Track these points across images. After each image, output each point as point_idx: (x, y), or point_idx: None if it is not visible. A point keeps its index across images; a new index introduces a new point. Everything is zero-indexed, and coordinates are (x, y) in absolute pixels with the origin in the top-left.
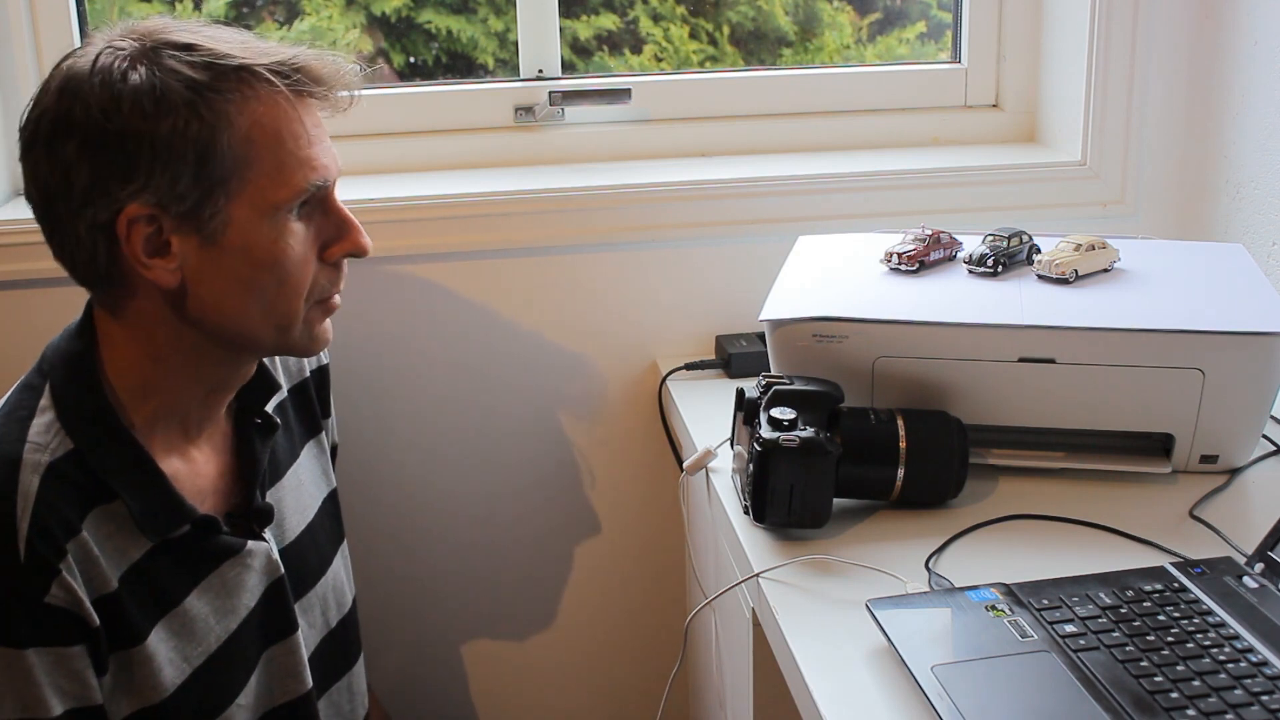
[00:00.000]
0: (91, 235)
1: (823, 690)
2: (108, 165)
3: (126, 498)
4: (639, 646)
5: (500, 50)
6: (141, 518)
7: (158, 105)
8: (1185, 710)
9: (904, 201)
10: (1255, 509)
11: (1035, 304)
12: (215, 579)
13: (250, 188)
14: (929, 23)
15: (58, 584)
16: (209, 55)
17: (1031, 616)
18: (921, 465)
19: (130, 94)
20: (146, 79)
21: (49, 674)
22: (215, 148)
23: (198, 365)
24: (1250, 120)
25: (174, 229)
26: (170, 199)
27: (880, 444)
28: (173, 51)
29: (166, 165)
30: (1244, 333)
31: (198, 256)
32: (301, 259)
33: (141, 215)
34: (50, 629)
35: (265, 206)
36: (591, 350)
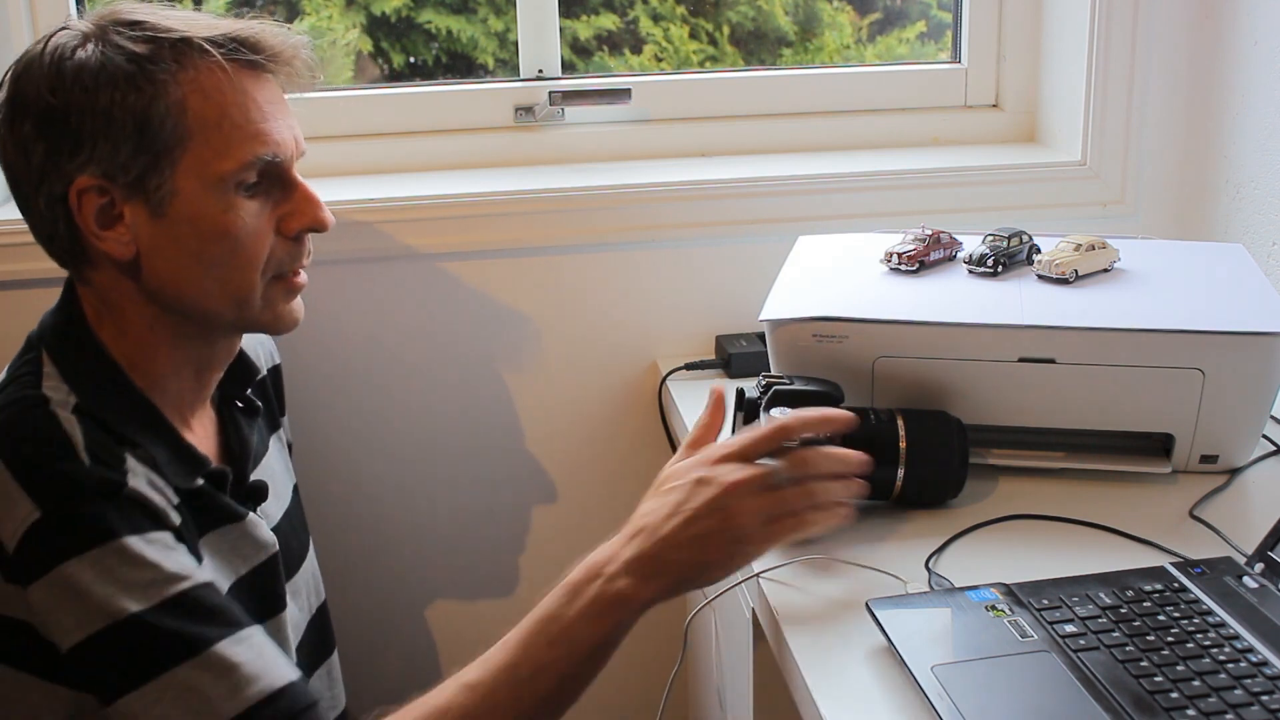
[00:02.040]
0: (51, 209)
1: (823, 690)
2: (57, 140)
3: (147, 444)
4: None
5: (500, 50)
6: (165, 463)
7: (97, 79)
8: (1185, 710)
9: (904, 201)
10: (1255, 509)
11: (1035, 304)
12: (220, 538)
13: (194, 158)
14: (929, 23)
15: (130, 478)
16: (152, 30)
17: (1031, 616)
18: (921, 465)
19: (73, 70)
20: (91, 55)
21: (159, 553)
22: (153, 117)
23: (172, 343)
24: (1250, 120)
25: (124, 199)
26: (115, 170)
27: (880, 444)
28: (120, 29)
29: (107, 136)
30: (1244, 333)
31: (149, 228)
32: (253, 232)
33: (91, 186)
34: (138, 517)
35: (211, 178)
36: (591, 350)
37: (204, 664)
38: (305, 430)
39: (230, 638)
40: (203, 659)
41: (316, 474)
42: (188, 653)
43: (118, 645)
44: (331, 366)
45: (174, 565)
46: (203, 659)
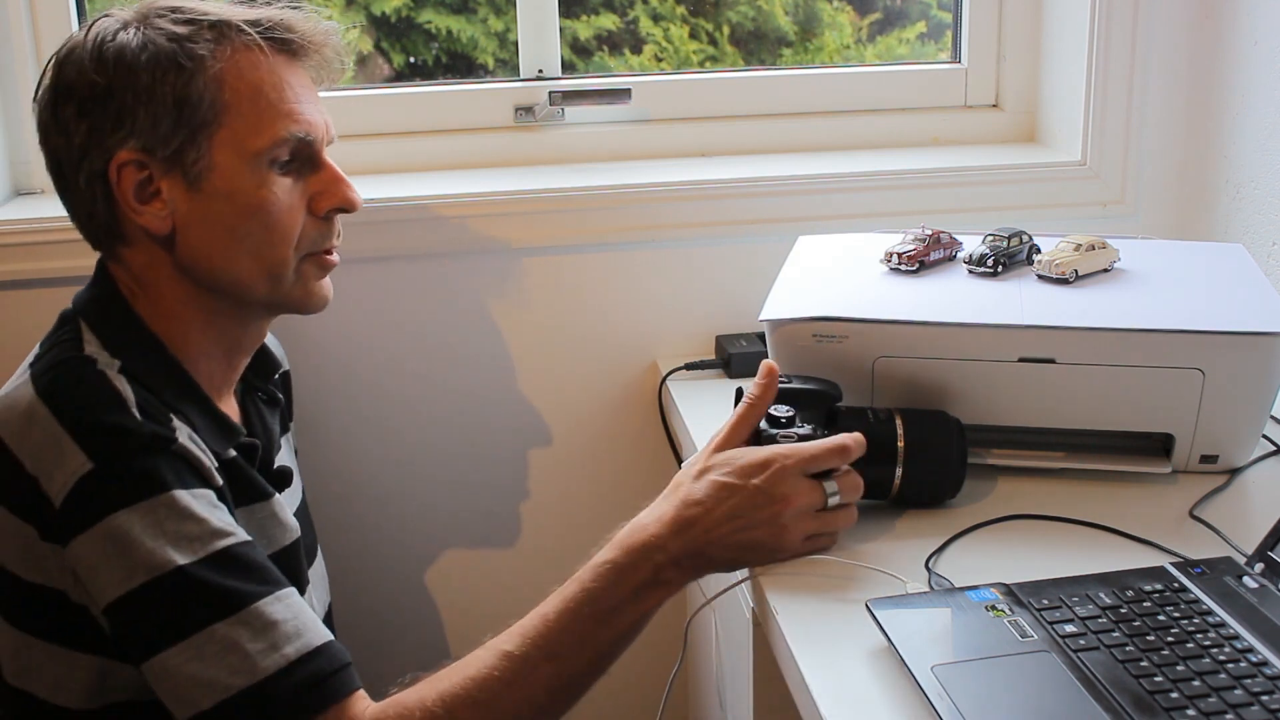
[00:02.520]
0: (90, 186)
1: (823, 690)
2: (100, 117)
3: (186, 411)
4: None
5: (500, 50)
6: (204, 430)
7: (138, 57)
8: (1185, 710)
9: (904, 201)
10: (1255, 509)
11: (1035, 304)
12: (249, 515)
13: (230, 133)
14: (929, 23)
15: (179, 435)
16: (191, 13)
17: (1031, 616)
18: (920, 465)
19: (115, 51)
20: (133, 38)
21: (207, 510)
22: (192, 92)
23: (206, 320)
24: (1250, 120)
25: (162, 174)
26: (155, 143)
27: (878, 443)
28: (160, 13)
29: (148, 109)
30: (1244, 333)
31: (186, 202)
32: (287, 207)
33: (131, 160)
34: (189, 473)
35: (246, 153)
36: (591, 350)
37: (244, 620)
38: (307, 430)
39: (271, 596)
40: (243, 615)
41: (317, 474)
42: (230, 608)
43: (161, 599)
44: (331, 366)
45: (219, 521)
46: (243, 615)
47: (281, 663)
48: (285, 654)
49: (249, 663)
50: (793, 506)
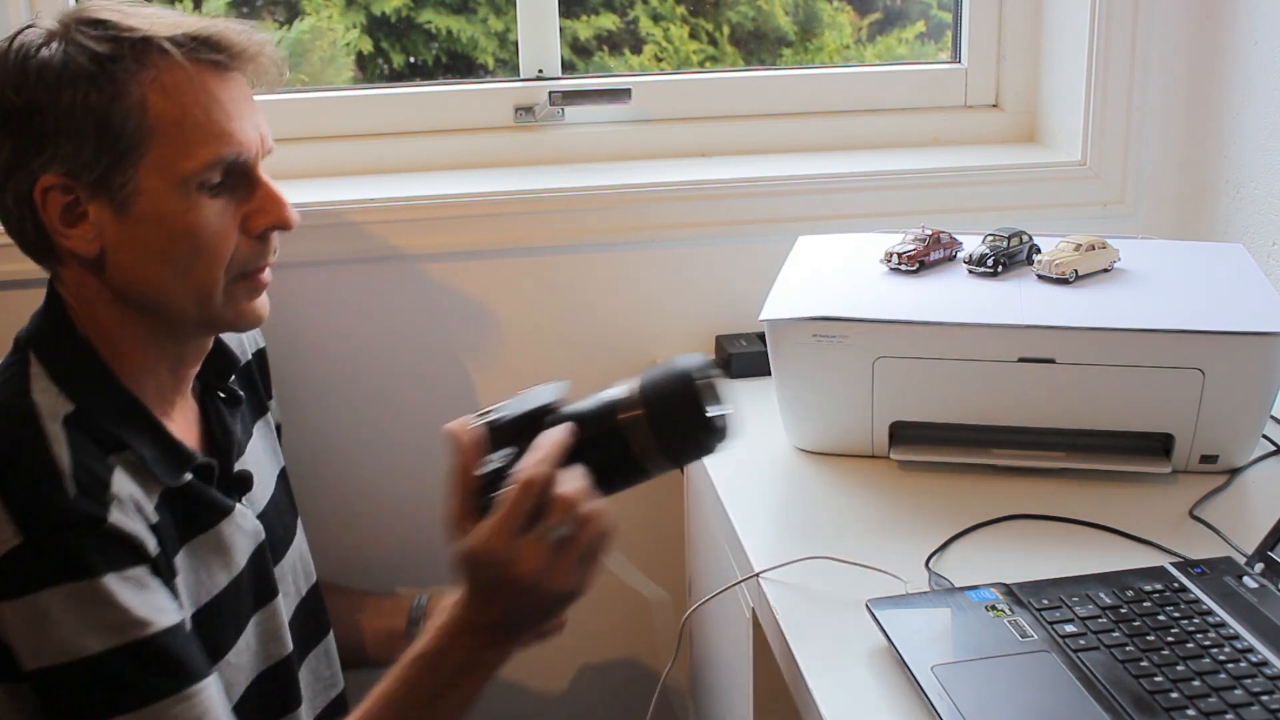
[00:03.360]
0: (18, 207)
1: (823, 690)
2: (22, 138)
3: (137, 445)
4: (637, 645)
5: (500, 50)
6: (154, 462)
7: (59, 78)
8: (1185, 710)
9: (904, 201)
10: (1255, 509)
11: (1035, 304)
12: (211, 536)
13: (158, 158)
14: (929, 23)
15: (113, 510)
16: (114, 29)
17: (1031, 616)
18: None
19: (36, 69)
20: (54, 54)
21: (133, 594)
22: (114, 117)
23: (144, 339)
24: (1250, 120)
25: (89, 198)
26: (79, 168)
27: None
28: (83, 28)
29: (70, 135)
30: (1244, 333)
31: (113, 226)
32: (217, 230)
33: (55, 185)
34: (118, 554)
35: (174, 178)
36: (591, 350)
37: (146, 717)
38: (302, 430)
39: (178, 695)
40: (146, 713)
41: (316, 473)
42: (135, 703)
43: (72, 682)
44: (329, 367)
45: (143, 609)
46: (146, 713)
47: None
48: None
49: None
50: (530, 572)
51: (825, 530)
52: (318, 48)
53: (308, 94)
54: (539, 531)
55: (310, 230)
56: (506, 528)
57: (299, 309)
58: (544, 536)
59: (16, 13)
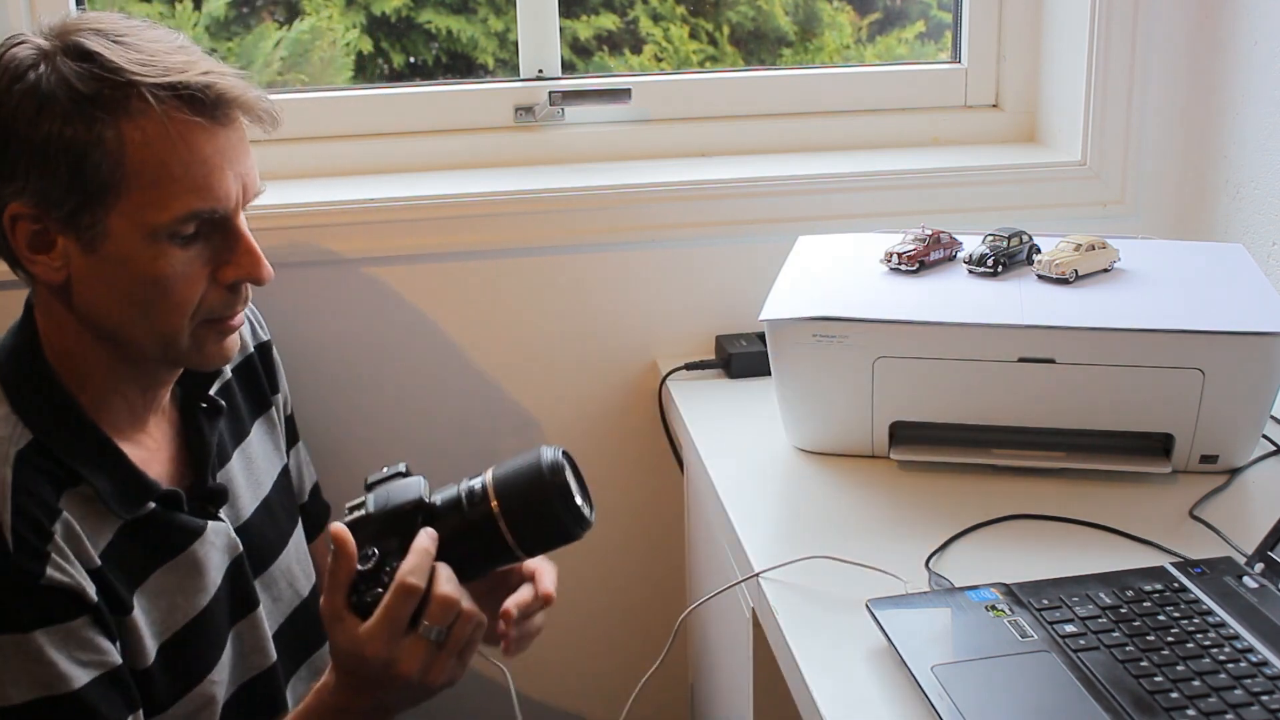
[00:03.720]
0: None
1: (823, 690)
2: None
3: (93, 479)
4: (637, 645)
5: (500, 50)
6: (110, 496)
7: (39, 111)
8: (1185, 710)
9: (904, 201)
10: (1255, 509)
11: (1035, 304)
12: (183, 559)
13: (129, 204)
14: (928, 22)
15: (51, 565)
16: (101, 68)
17: (1031, 616)
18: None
19: (19, 95)
20: (37, 83)
21: (61, 649)
22: (88, 159)
23: (109, 365)
24: (1250, 120)
25: (58, 230)
26: (48, 203)
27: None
28: (71, 60)
29: (42, 170)
30: (1244, 333)
31: (80, 260)
32: (184, 279)
33: (23, 214)
34: (53, 608)
35: (144, 226)
36: (591, 350)
37: None
38: (302, 431)
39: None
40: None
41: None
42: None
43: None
44: (330, 366)
45: (67, 663)
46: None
47: None
48: None
49: None
50: (413, 671)
51: (825, 530)
52: (317, 48)
53: (307, 94)
54: (419, 632)
55: (310, 230)
56: (388, 630)
57: (298, 309)
58: (424, 636)
59: (17, 13)
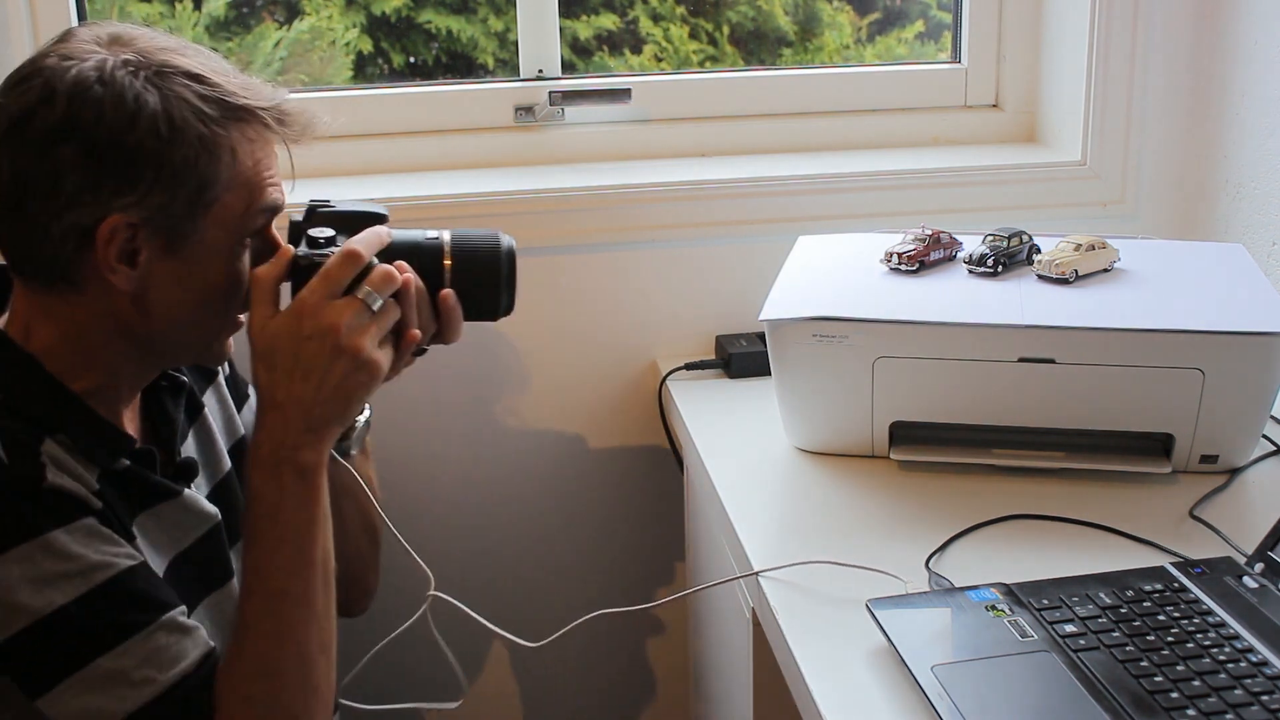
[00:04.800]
0: (65, 234)
1: (823, 689)
2: (107, 175)
3: (68, 431)
4: (638, 643)
5: (500, 50)
6: (87, 447)
7: (173, 131)
8: (1185, 710)
9: (904, 201)
10: (1255, 509)
11: (1035, 304)
12: (164, 508)
13: (228, 213)
14: (928, 22)
15: (49, 471)
16: (215, 90)
17: (1031, 616)
18: (466, 282)
19: (149, 115)
20: (161, 103)
21: (85, 544)
22: (211, 176)
23: (116, 364)
24: (1250, 120)
25: (147, 238)
26: (158, 215)
27: (428, 258)
28: (183, 80)
29: (166, 187)
30: (1244, 333)
31: (160, 265)
32: (245, 276)
33: (124, 223)
34: (61, 509)
35: (238, 231)
36: (592, 349)
37: (127, 650)
38: None
39: (152, 626)
40: (126, 646)
41: None
42: (112, 642)
43: (44, 640)
44: None
45: (98, 554)
46: (126, 646)
47: (163, 687)
48: (169, 677)
49: (135, 691)
50: (340, 329)
51: (825, 530)
52: (317, 48)
53: (307, 94)
54: (356, 294)
55: None
56: (325, 288)
57: None
58: (359, 298)
59: (16, 15)
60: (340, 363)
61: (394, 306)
